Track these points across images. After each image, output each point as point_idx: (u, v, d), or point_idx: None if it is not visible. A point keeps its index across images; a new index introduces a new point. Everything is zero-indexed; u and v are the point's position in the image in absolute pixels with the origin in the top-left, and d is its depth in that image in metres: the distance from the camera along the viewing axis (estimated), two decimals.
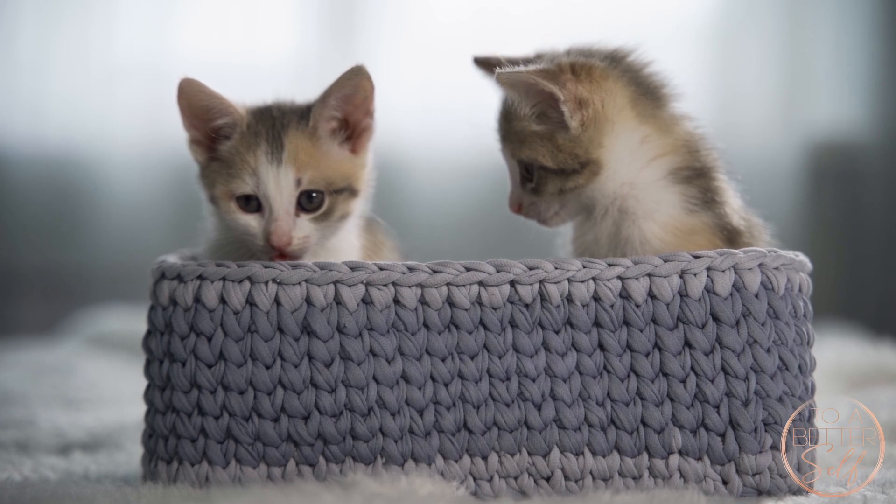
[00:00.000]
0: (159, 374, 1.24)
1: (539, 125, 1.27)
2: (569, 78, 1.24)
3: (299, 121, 1.30)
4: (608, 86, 1.26)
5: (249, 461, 1.21)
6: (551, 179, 1.27)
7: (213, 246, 1.35)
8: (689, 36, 3.42)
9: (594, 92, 1.25)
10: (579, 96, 1.24)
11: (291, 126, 1.29)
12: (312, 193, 1.28)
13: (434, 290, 1.21)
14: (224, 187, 1.29)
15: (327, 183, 1.29)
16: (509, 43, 3.40)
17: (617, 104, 1.26)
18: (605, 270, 1.22)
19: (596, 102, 1.25)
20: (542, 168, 1.27)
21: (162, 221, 3.29)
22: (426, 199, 3.30)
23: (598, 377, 1.22)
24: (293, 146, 1.28)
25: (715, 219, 1.28)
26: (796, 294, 1.24)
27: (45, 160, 3.36)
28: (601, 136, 1.25)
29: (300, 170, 1.27)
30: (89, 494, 1.18)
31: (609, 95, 1.26)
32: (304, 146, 1.29)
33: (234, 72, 3.35)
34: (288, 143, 1.28)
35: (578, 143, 1.25)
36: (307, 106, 1.32)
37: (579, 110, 1.24)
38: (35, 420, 1.74)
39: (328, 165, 1.29)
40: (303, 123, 1.30)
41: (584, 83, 1.25)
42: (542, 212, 1.30)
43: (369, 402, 1.20)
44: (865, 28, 3.43)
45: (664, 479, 1.21)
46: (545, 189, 1.28)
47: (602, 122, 1.25)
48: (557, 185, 1.27)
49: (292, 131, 1.29)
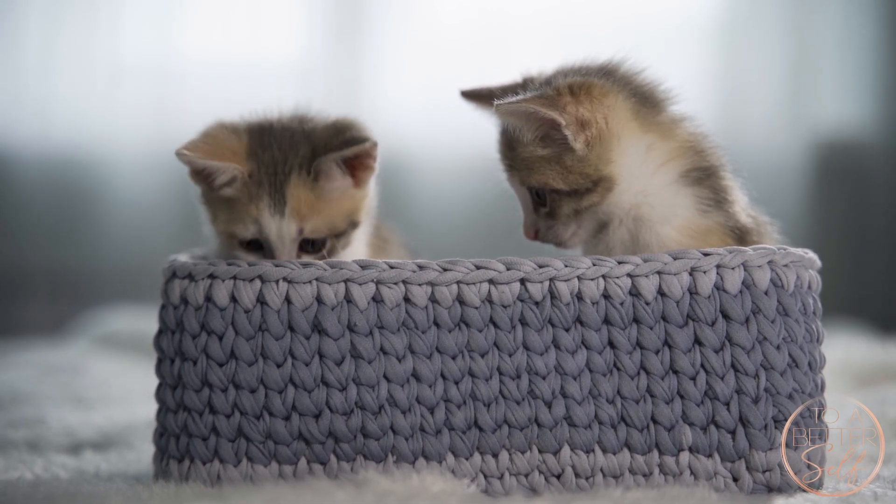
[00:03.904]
0: (171, 372, 1.24)
1: (545, 149, 1.25)
2: (568, 101, 1.23)
3: (300, 169, 1.28)
4: (608, 102, 1.25)
5: (261, 459, 1.21)
6: (565, 201, 1.26)
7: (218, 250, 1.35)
8: (693, 34, 3.42)
9: (596, 110, 1.24)
10: (581, 118, 1.23)
11: (293, 175, 1.28)
12: (314, 240, 1.29)
13: (444, 289, 1.22)
14: (226, 227, 1.30)
15: (330, 229, 1.30)
16: (512, 42, 3.42)
17: (620, 118, 1.25)
18: (615, 268, 1.22)
19: (599, 121, 1.24)
20: (554, 191, 1.26)
21: (168, 221, 3.30)
22: (431, 197, 3.30)
23: (609, 374, 1.22)
24: (295, 199, 1.28)
25: (726, 218, 1.28)
26: (805, 291, 1.25)
27: (51, 161, 3.37)
28: (609, 152, 1.25)
29: (302, 220, 1.28)
30: (102, 492, 1.18)
31: (611, 111, 1.25)
32: (306, 197, 1.28)
33: (239, 72, 3.37)
34: (290, 196, 1.28)
35: (587, 162, 1.24)
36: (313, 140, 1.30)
37: (583, 131, 1.23)
38: (45, 419, 1.75)
39: (330, 212, 1.30)
40: (304, 173, 1.28)
41: (584, 103, 1.24)
42: (560, 234, 1.28)
43: (380, 400, 1.21)
44: (871, 25, 3.42)
45: (674, 476, 1.22)
46: (560, 212, 1.27)
47: (608, 139, 1.24)
48: (572, 207, 1.26)
49: (294, 181, 1.28)
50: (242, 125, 1.34)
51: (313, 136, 1.31)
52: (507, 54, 3.28)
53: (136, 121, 3.34)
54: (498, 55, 3.28)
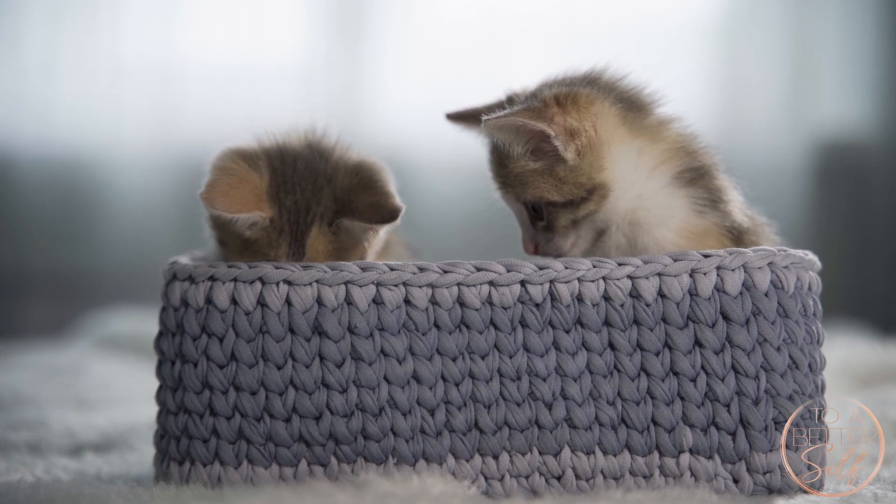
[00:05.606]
0: (171, 374, 1.24)
1: (536, 162, 1.26)
2: (555, 111, 1.24)
3: (321, 220, 1.28)
4: (595, 109, 1.25)
5: (261, 461, 1.21)
6: (562, 213, 1.26)
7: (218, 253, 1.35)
8: (694, 35, 3.42)
9: (583, 119, 1.24)
10: (569, 127, 1.23)
11: (314, 227, 1.27)
12: None
13: (445, 291, 1.22)
14: (238, 259, 1.28)
15: None
16: (513, 43, 3.42)
17: (608, 125, 1.25)
18: (615, 270, 1.22)
19: (587, 129, 1.24)
20: (549, 204, 1.26)
21: (170, 223, 3.30)
22: (433, 198, 3.30)
23: (609, 376, 1.22)
24: (313, 250, 1.28)
25: (722, 218, 1.28)
26: (806, 293, 1.25)
27: (52, 162, 3.37)
28: (600, 159, 1.25)
29: None
30: (103, 495, 1.18)
31: (598, 118, 1.25)
32: (324, 248, 1.28)
33: (240, 73, 3.37)
34: (309, 247, 1.27)
35: (580, 171, 1.24)
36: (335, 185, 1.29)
37: (572, 141, 1.23)
38: (46, 421, 1.75)
39: (343, 258, 1.29)
40: (324, 225, 1.28)
41: (571, 113, 1.24)
42: (560, 246, 1.28)
43: (380, 402, 1.21)
44: (872, 26, 3.42)
45: (675, 478, 1.22)
46: (558, 224, 1.27)
47: (598, 146, 1.25)
48: (569, 217, 1.26)
49: (314, 232, 1.28)
50: (260, 154, 1.31)
51: (335, 181, 1.30)
52: (508, 55, 3.29)
53: (137, 122, 3.35)
54: (499, 55, 3.28)
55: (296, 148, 1.33)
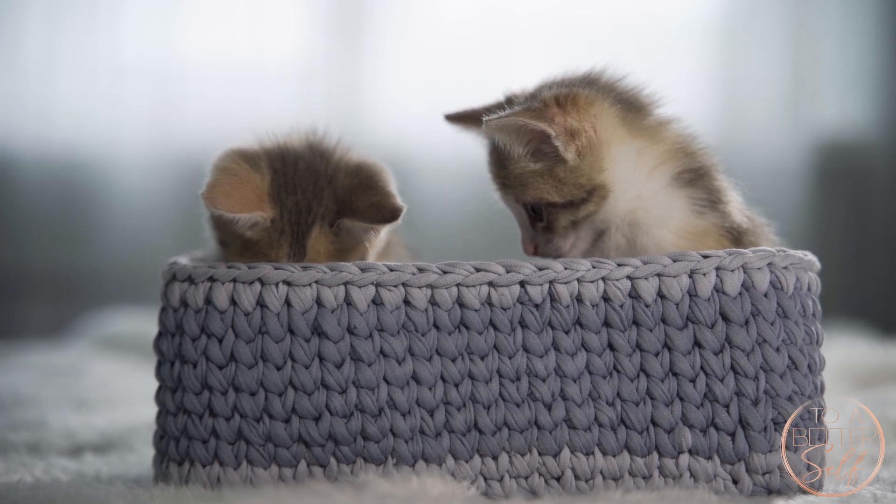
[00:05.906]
0: (170, 375, 1.24)
1: (536, 163, 1.26)
2: (555, 112, 1.24)
3: (322, 221, 1.28)
4: (595, 110, 1.25)
5: (261, 462, 1.21)
6: (562, 214, 1.26)
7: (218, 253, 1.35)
8: (694, 35, 3.42)
9: (583, 119, 1.24)
10: (569, 128, 1.23)
11: (315, 228, 1.27)
12: None
13: (444, 291, 1.22)
14: (238, 259, 1.28)
15: None
16: (514, 43, 3.42)
17: (607, 125, 1.25)
18: (614, 270, 1.22)
19: (587, 129, 1.24)
20: (549, 205, 1.26)
21: (170, 223, 3.30)
22: (433, 198, 3.30)
23: (608, 377, 1.22)
24: (314, 251, 1.27)
25: (721, 219, 1.28)
26: (805, 293, 1.25)
27: (51, 162, 3.37)
28: (600, 160, 1.25)
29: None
30: (102, 495, 1.18)
31: (598, 119, 1.25)
32: (325, 249, 1.28)
33: (240, 73, 3.37)
34: (310, 248, 1.27)
35: (579, 172, 1.25)
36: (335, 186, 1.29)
37: (572, 141, 1.23)
38: (46, 422, 1.75)
39: (343, 259, 1.29)
40: (325, 226, 1.28)
41: (571, 113, 1.24)
42: (560, 247, 1.28)
43: (380, 402, 1.21)
44: (872, 26, 3.42)
45: (674, 479, 1.22)
46: (558, 224, 1.27)
47: (598, 147, 1.25)
48: (569, 218, 1.26)
49: (315, 233, 1.27)
50: (262, 154, 1.31)
51: (336, 182, 1.29)
52: (508, 54, 3.29)
53: (137, 122, 3.35)
54: (499, 55, 3.28)
55: (297, 149, 1.33)
